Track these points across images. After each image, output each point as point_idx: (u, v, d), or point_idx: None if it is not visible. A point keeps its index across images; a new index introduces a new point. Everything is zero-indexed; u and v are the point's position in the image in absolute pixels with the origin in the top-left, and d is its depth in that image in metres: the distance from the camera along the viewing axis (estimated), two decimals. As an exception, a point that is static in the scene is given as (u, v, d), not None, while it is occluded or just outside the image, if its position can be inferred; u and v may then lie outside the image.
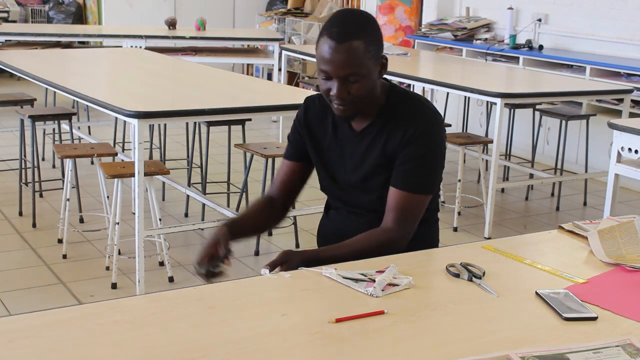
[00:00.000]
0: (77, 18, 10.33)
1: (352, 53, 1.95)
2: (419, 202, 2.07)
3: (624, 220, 2.08)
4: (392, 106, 2.10)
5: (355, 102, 2.01)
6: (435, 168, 2.09)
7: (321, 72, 2.00)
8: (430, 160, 2.07)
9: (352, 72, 1.97)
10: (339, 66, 1.96)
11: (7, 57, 5.40)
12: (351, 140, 2.14)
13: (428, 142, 2.06)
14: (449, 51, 7.55)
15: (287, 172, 2.26)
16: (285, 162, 2.27)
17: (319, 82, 2.05)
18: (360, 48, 1.96)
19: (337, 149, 2.17)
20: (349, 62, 1.96)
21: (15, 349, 1.40)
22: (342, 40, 1.94)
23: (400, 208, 2.05)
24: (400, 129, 2.06)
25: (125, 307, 1.61)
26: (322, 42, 1.98)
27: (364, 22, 2.02)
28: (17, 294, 3.74)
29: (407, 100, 2.11)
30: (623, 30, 6.45)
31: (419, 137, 2.04)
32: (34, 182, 4.80)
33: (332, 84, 1.99)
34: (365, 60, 1.97)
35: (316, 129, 2.20)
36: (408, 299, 1.68)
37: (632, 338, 1.50)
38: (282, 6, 10.14)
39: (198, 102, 4.01)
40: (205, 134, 4.67)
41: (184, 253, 4.34)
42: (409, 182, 2.05)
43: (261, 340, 1.47)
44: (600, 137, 5.74)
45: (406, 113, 2.08)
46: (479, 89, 4.79)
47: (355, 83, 1.98)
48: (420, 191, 2.06)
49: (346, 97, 2.00)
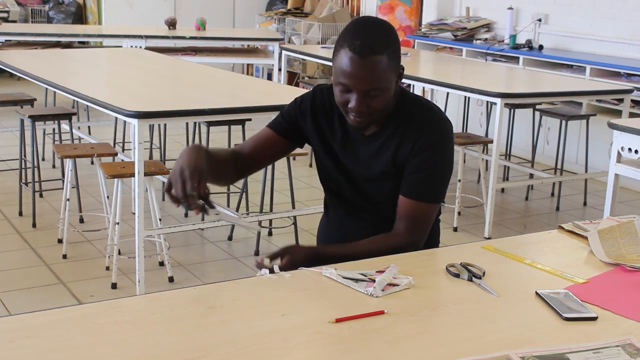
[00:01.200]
0: (77, 18, 10.33)
1: (375, 68, 1.91)
2: (429, 211, 2.06)
3: (624, 220, 2.08)
4: (404, 112, 2.07)
5: (374, 114, 1.99)
6: (445, 177, 2.08)
7: (340, 84, 1.95)
8: (440, 170, 2.06)
9: (374, 87, 1.93)
10: (362, 81, 1.92)
11: (7, 57, 5.40)
12: (359, 142, 2.11)
13: (439, 151, 2.04)
14: (449, 51, 7.55)
15: (266, 140, 2.17)
16: (268, 130, 2.18)
17: (335, 92, 2.00)
18: (384, 63, 1.92)
19: (344, 146, 2.13)
20: (372, 77, 1.92)
21: (15, 349, 1.40)
22: (366, 55, 1.90)
23: (411, 217, 2.04)
24: (412, 137, 2.03)
25: (125, 307, 1.61)
26: (343, 55, 1.92)
27: (386, 35, 1.97)
28: (17, 294, 3.74)
29: (419, 107, 2.08)
30: (623, 30, 6.45)
31: (431, 146, 2.03)
32: (34, 182, 4.80)
33: (351, 97, 1.96)
34: (387, 75, 1.94)
35: (322, 120, 2.14)
36: (408, 299, 1.68)
37: (632, 338, 1.50)
38: (282, 6, 10.14)
39: (198, 102, 4.02)
40: (205, 134, 4.67)
41: (184, 253, 4.35)
42: (420, 191, 2.04)
43: (261, 340, 1.47)
44: (600, 137, 5.74)
45: (419, 121, 2.05)
46: (479, 89, 4.79)
47: (376, 97, 1.95)
48: (431, 200, 2.05)
49: (365, 111, 1.96)
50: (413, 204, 2.04)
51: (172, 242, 4.39)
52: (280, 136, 2.17)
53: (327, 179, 2.21)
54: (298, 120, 2.16)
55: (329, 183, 2.21)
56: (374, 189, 2.12)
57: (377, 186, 2.11)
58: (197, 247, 4.49)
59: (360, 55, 1.90)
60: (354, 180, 2.14)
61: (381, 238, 2.04)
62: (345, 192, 2.17)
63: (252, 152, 2.16)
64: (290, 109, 2.18)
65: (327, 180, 2.21)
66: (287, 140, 2.18)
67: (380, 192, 2.11)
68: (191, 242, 4.53)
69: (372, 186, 2.12)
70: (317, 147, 2.17)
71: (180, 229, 4.17)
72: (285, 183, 4.75)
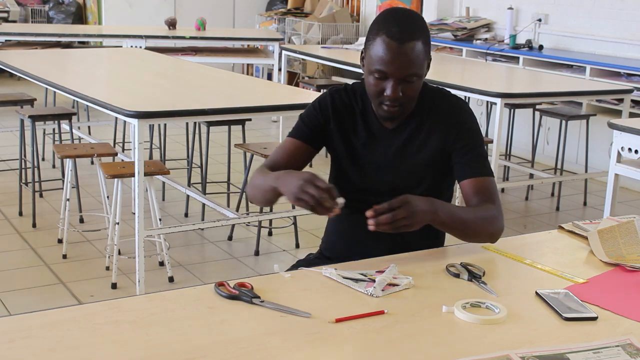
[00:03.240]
0: (77, 18, 10.33)
1: (414, 53, 1.95)
2: (492, 183, 2.08)
3: (624, 220, 2.08)
4: (428, 102, 2.10)
5: (407, 102, 2.02)
6: (486, 151, 2.13)
7: (377, 72, 1.97)
8: (483, 145, 2.11)
9: (412, 72, 1.96)
10: (401, 67, 1.95)
11: (7, 57, 5.40)
12: (383, 138, 2.11)
13: (475, 129, 2.11)
14: (449, 51, 7.55)
15: (295, 150, 2.14)
16: (292, 140, 2.15)
17: (368, 82, 2.02)
18: (420, 48, 1.96)
19: (368, 146, 2.12)
20: (411, 62, 1.95)
21: (15, 349, 1.40)
22: (405, 41, 1.94)
23: (484, 192, 2.04)
24: (445, 124, 2.07)
25: (125, 307, 1.61)
26: (380, 42, 1.95)
27: (419, 21, 2.02)
28: (17, 294, 3.74)
29: (440, 95, 2.13)
30: (623, 30, 6.45)
31: (469, 128, 2.09)
32: (34, 182, 4.80)
33: (387, 84, 1.98)
34: (422, 61, 1.99)
35: (345, 120, 2.14)
36: (408, 299, 1.68)
37: (632, 338, 1.50)
38: (282, 6, 10.14)
39: (198, 102, 4.02)
40: (205, 134, 4.67)
41: (184, 253, 4.35)
42: (477, 168, 2.07)
43: (261, 340, 1.47)
44: (600, 137, 5.74)
45: (448, 108, 2.10)
46: (479, 89, 4.79)
47: (411, 83, 1.98)
48: (490, 173, 2.09)
49: (400, 98, 1.99)
50: (479, 182, 2.05)
51: (172, 242, 4.39)
52: (306, 144, 2.15)
53: (343, 178, 2.17)
54: (321, 124, 2.14)
55: (344, 182, 2.16)
56: (397, 180, 2.11)
57: (409, 180, 2.10)
58: (197, 247, 4.49)
59: (399, 41, 1.94)
60: (383, 178, 2.12)
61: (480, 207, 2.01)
62: (368, 193, 2.13)
63: (288, 166, 2.11)
64: (312, 115, 2.16)
65: (342, 179, 2.17)
66: (312, 147, 2.16)
67: (406, 188, 2.10)
68: (191, 242, 4.53)
69: (403, 181, 2.11)
70: (339, 148, 2.15)
71: (180, 229, 4.17)
72: (285, 183, 4.74)
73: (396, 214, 1.80)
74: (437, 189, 2.15)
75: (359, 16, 9.23)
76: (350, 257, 1.92)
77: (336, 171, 2.20)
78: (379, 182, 2.13)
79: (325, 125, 2.14)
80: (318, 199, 1.79)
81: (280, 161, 2.12)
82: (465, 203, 2.08)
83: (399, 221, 1.81)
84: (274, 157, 2.16)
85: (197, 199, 4.68)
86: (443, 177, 2.16)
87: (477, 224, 1.97)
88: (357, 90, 2.16)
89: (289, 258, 4.29)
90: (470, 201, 2.05)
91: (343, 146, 2.14)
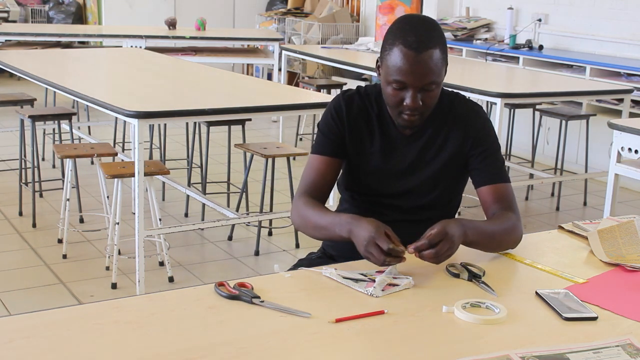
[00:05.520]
0: (77, 18, 10.33)
1: (432, 62, 1.94)
2: (509, 189, 2.08)
3: (624, 220, 2.08)
4: (445, 107, 2.09)
5: (426, 111, 2.01)
6: (502, 155, 2.13)
7: (395, 82, 1.96)
8: (499, 150, 2.11)
9: (432, 80, 1.95)
10: (420, 76, 1.94)
11: (7, 57, 5.40)
12: (401, 144, 2.10)
13: (493, 135, 2.11)
14: (449, 51, 7.53)
15: (324, 169, 2.10)
16: (319, 158, 2.11)
17: (386, 92, 2.00)
18: (438, 56, 1.95)
19: (385, 153, 2.10)
20: (430, 71, 1.94)
21: (15, 349, 1.40)
22: (422, 50, 1.92)
23: (502, 199, 2.04)
24: (463, 130, 2.07)
25: (125, 307, 1.61)
26: (397, 52, 1.93)
27: (435, 28, 2.00)
28: (17, 294, 3.74)
29: (457, 99, 2.12)
30: (623, 30, 6.45)
31: (487, 133, 2.09)
32: (34, 182, 4.80)
33: (406, 94, 1.96)
34: (441, 68, 1.97)
35: (361, 126, 2.11)
36: (408, 299, 1.68)
37: (632, 338, 1.50)
38: (282, 6, 10.14)
39: (198, 102, 4.02)
40: (205, 134, 4.67)
41: (184, 253, 4.34)
42: (497, 175, 2.07)
43: (261, 340, 1.47)
44: (600, 137, 5.73)
45: (465, 113, 2.09)
46: (479, 89, 4.78)
47: (430, 91, 1.97)
48: (508, 180, 2.08)
49: (420, 107, 1.97)
50: (497, 189, 2.05)
51: (172, 242, 4.39)
52: (333, 158, 2.11)
53: (354, 180, 2.15)
54: (342, 133, 2.11)
55: (356, 184, 2.16)
56: (419, 191, 2.10)
57: (425, 186, 2.10)
58: (197, 247, 4.49)
59: (417, 50, 1.92)
60: (400, 185, 2.11)
61: (501, 218, 1.99)
62: (381, 199, 2.13)
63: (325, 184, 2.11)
64: (331, 126, 2.11)
65: (354, 181, 2.16)
66: (339, 158, 2.12)
67: (423, 193, 2.11)
68: (191, 242, 4.53)
69: (419, 188, 2.10)
70: (354, 152, 2.12)
71: (180, 229, 4.17)
72: (285, 183, 4.75)
73: (439, 250, 1.78)
74: (448, 194, 2.16)
75: (359, 16, 9.24)
76: (353, 255, 1.91)
77: (349, 174, 2.17)
78: (392, 186, 2.12)
79: (345, 132, 2.11)
80: (382, 262, 1.78)
81: (317, 183, 2.10)
82: (484, 210, 2.08)
83: (443, 255, 1.79)
84: (308, 180, 2.11)
85: (197, 199, 4.69)
86: (456, 181, 2.16)
87: (502, 235, 1.97)
88: (371, 95, 2.13)
89: (289, 258, 4.29)
90: (490, 208, 2.05)
91: (358, 151, 2.12)
